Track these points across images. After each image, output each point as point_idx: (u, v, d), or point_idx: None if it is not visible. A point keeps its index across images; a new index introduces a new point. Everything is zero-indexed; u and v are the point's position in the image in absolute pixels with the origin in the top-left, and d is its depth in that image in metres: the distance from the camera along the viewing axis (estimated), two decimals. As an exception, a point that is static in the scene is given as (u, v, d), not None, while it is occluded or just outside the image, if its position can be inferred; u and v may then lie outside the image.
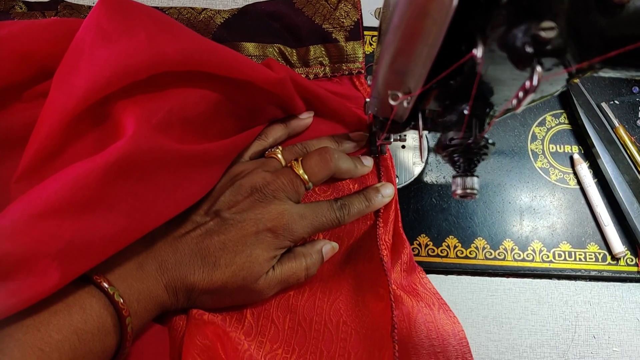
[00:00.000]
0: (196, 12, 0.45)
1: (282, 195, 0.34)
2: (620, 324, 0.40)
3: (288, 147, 0.40)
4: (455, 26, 0.19)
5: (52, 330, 0.25)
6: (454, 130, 0.26)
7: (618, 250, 0.41)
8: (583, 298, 0.41)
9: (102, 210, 0.26)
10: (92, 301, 0.27)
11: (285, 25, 0.45)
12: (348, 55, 0.45)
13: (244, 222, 0.33)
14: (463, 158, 0.26)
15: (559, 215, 0.43)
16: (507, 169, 0.44)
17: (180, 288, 0.32)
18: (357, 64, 0.45)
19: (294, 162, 0.36)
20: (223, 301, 0.34)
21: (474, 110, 0.24)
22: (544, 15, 0.18)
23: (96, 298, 0.27)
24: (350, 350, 0.35)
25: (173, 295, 0.32)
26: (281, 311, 0.36)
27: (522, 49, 0.18)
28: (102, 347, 0.27)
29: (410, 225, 0.43)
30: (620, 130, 0.43)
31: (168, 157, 0.30)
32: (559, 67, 0.20)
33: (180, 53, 0.30)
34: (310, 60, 0.45)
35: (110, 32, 0.29)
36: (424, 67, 0.22)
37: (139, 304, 0.29)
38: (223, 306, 0.35)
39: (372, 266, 0.38)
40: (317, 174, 0.36)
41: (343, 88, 0.45)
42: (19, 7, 0.44)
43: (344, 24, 0.45)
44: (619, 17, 0.21)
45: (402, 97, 0.25)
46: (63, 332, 0.25)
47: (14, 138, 0.32)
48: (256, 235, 0.33)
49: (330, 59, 0.45)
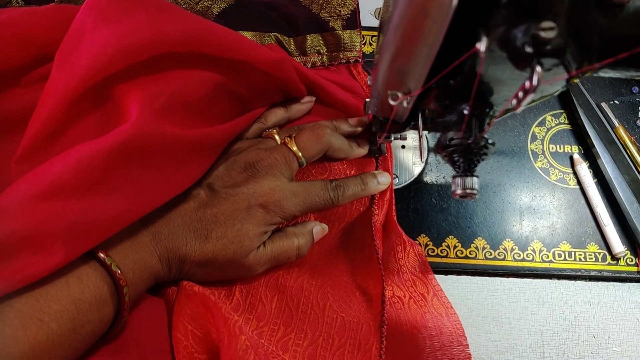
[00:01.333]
0: (193, 3, 0.45)
1: (276, 171, 0.35)
2: (620, 324, 0.40)
3: (285, 129, 0.40)
4: (455, 25, 0.19)
5: (51, 301, 0.25)
6: (454, 130, 0.26)
7: (618, 250, 0.41)
8: (583, 298, 0.41)
9: (105, 192, 0.27)
10: (89, 271, 0.27)
11: (282, 14, 0.45)
12: (345, 44, 0.45)
13: (236, 196, 0.33)
14: (463, 158, 0.25)
15: (559, 215, 0.43)
16: (507, 169, 0.44)
17: (173, 259, 0.32)
18: (355, 52, 0.45)
19: (287, 139, 0.37)
20: (214, 274, 0.34)
21: (474, 110, 0.24)
22: (544, 15, 0.18)
23: (92, 268, 0.28)
24: (335, 336, 0.35)
25: (166, 265, 0.32)
26: (269, 290, 0.36)
27: (522, 49, 0.18)
28: (99, 317, 0.27)
29: (410, 225, 0.43)
30: (620, 130, 0.43)
31: (170, 141, 0.30)
32: (559, 67, 0.20)
33: (181, 32, 0.30)
34: (308, 49, 0.45)
35: (111, 12, 0.29)
36: (424, 67, 0.22)
37: (134, 274, 0.30)
38: (213, 279, 0.35)
39: (364, 255, 0.38)
40: (310, 149, 0.37)
41: (340, 77, 0.45)
42: (15, 2, 0.44)
43: (341, 13, 0.45)
44: (619, 17, 0.21)
45: (402, 97, 0.25)
46: (61, 302, 0.25)
47: (12, 121, 0.32)
48: (247, 210, 0.33)
49: (328, 48, 0.45)
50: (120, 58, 0.28)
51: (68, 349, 0.26)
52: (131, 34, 0.28)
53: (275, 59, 0.36)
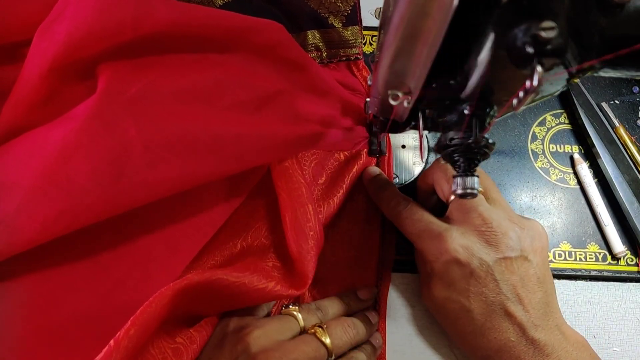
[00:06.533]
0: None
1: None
2: (620, 324, 0.40)
3: (305, 306, 0.36)
4: (455, 25, 0.19)
5: None
6: (454, 130, 0.26)
7: (618, 250, 0.41)
8: (583, 298, 0.41)
9: None
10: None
11: (284, 11, 0.44)
12: (345, 41, 0.44)
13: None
14: (463, 158, 0.25)
15: (559, 215, 0.43)
16: (507, 168, 0.44)
17: None
18: (355, 49, 0.44)
19: (317, 329, 0.33)
20: None
21: (474, 110, 0.24)
22: (544, 15, 0.18)
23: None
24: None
25: None
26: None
27: (523, 49, 0.18)
28: None
29: (411, 225, 0.43)
30: (621, 130, 0.43)
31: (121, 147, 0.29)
32: (559, 67, 0.20)
33: (168, 7, 0.29)
34: (307, 46, 0.44)
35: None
36: (424, 67, 0.22)
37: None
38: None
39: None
40: (343, 346, 0.34)
41: (340, 74, 0.44)
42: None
43: (340, 9, 0.44)
44: (619, 17, 0.21)
45: (402, 97, 0.25)
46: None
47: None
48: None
49: (327, 45, 0.44)
50: (102, 30, 0.27)
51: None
52: (116, 3, 0.28)
53: (272, 26, 0.34)
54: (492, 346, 0.33)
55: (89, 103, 0.28)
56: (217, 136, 0.30)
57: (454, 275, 0.33)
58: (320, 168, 0.41)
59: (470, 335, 0.34)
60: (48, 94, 0.29)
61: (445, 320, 0.36)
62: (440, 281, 0.34)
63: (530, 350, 0.31)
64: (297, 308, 0.35)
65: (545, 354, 0.31)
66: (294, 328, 0.33)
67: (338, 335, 0.33)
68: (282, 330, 0.33)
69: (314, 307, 0.36)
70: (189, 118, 0.30)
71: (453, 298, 0.34)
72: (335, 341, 0.33)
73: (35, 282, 0.29)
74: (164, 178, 0.29)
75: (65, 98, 0.29)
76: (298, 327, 0.34)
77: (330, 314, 0.36)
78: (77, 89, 0.30)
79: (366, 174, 0.41)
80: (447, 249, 0.33)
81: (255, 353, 0.30)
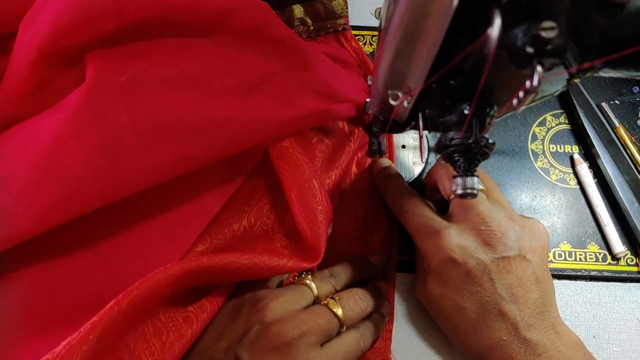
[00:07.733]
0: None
1: (312, 338, 0.31)
2: (620, 324, 0.40)
3: (318, 275, 0.36)
4: (455, 25, 0.19)
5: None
6: (454, 130, 0.26)
7: (618, 250, 0.41)
8: (583, 298, 0.41)
9: None
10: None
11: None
12: (331, 12, 0.43)
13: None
14: (463, 158, 0.26)
15: (559, 215, 0.43)
16: (507, 168, 0.44)
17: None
18: (342, 19, 0.43)
19: (330, 300, 0.34)
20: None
21: (474, 110, 0.24)
22: (544, 15, 0.18)
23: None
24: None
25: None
26: None
27: (523, 49, 0.18)
28: None
29: (411, 225, 0.43)
30: (620, 130, 0.43)
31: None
32: (559, 67, 0.20)
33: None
34: (294, 21, 0.43)
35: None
36: (424, 67, 0.22)
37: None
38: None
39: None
40: (354, 318, 0.34)
41: (328, 47, 0.43)
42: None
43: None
44: (619, 17, 0.21)
45: (402, 97, 0.25)
46: None
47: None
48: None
49: (313, 17, 0.43)
50: (84, 16, 0.27)
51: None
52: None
53: (262, 5, 0.33)
54: (484, 344, 0.33)
55: (79, 92, 0.28)
56: (208, 120, 0.30)
57: (450, 274, 0.34)
58: (320, 141, 0.41)
59: (462, 332, 0.34)
60: (37, 84, 0.29)
61: (439, 315, 0.36)
62: (436, 278, 0.35)
63: (522, 350, 0.31)
64: (311, 277, 0.36)
65: (536, 354, 0.31)
66: (308, 298, 0.34)
67: (350, 307, 0.34)
68: (297, 300, 0.33)
69: (327, 274, 0.37)
70: (180, 104, 0.30)
71: (447, 295, 0.34)
72: (347, 313, 0.33)
73: (35, 272, 0.29)
74: (158, 164, 0.29)
75: (55, 88, 0.29)
76: (312, 296, 0.34)
77: (344, 280, 0.37)
78: (66, 78, 0.30)
79: (376, 165, 0.41)
80: (444, 247, 0.33)
81: (269, 322, 0.31)
